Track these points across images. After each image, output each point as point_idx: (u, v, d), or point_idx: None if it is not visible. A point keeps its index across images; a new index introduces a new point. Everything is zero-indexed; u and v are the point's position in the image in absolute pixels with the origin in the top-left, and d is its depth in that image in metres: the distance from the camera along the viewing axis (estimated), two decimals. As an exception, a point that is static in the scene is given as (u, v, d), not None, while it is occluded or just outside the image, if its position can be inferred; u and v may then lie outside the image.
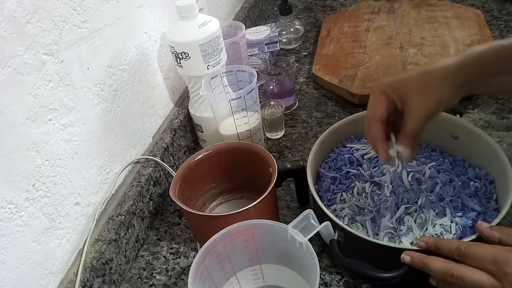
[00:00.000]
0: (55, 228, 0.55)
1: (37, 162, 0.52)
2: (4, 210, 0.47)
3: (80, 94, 0.59)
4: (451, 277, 0.45)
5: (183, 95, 0.89)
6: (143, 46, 0.74)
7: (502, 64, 0.53)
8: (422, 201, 0.58)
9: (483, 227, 0.49)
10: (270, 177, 0.61)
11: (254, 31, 1.06)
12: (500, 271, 0.42)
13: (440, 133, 0.67)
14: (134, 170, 0.73)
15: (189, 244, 0.69)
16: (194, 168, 0.67)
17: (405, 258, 0.49)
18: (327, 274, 0.60)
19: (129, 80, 0.70)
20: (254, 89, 0.72)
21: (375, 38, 1.06)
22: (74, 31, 0.58)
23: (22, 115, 0.49)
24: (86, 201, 0.61)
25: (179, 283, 0.63)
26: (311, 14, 1.31)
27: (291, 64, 0.92)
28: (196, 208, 0.70)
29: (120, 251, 0.64)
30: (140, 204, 0.69)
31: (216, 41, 0.73)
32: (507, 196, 0.53)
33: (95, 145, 0.63)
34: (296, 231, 0.50)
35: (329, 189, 0.65)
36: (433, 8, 1.12)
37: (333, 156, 0.69)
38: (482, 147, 0.61)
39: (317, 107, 0.92)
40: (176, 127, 0.81)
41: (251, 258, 0.56)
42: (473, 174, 0.62)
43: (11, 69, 0.47)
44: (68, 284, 0.56)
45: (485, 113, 0.81)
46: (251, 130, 0.75)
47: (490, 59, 0.53)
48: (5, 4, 0.46)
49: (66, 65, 0.56)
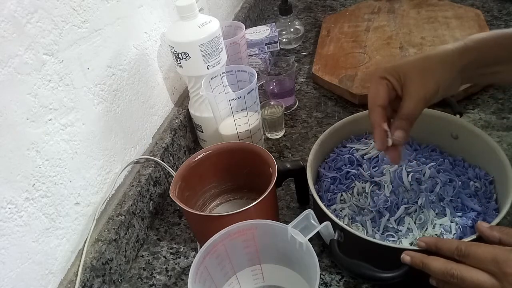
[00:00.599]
0: (55, 228, 0.55)
1: (37, 162, 0.52)
2: (4, 210, 0.47)
3: (80, 94, 0.59)
4: (451, 277, 0.45)
5: (183, 95, 0.89)
6: (143, 46, 0.74)
7: (504, 52, 0.53)
8: (422, 201, 0.58)
9: (483, 227, 0.49)
10: (270, 177, 0.61)
11: (254, 31, 1.06)
12: (500, 271, 0.42)
13: (440, 133, 0.67)
14: (134, 170, 0.73)
15: (189, 244, 0.69)
16: (194, 168, 0.67)
17: (405, 258, 0.49)
18: (327, 274, 0.60)
19: (129, 80, 0.70)
20: (254, 89, 0.72)
21: (375, 38, 1.06)
22: (74, 31, 0.58)
23: (22, 115, 0.49)
24: (86, 201, 0.61)
25: (179, 283, 0.63)
26: (311, 14, 1.31)
27: (291, 64, 0.92)
28: (196, 208, 0.70)
29: (120, 251, 0.64)
30: (140, 204, 0.69)
31: (216, 41, 0.73)
32: (507, 196, 0.53)
33: (95, 145, 0.63)
34: (296, 231, 0.50)
35: (329, 189, 0.65)
36: (433, 8, 1.12)
37: (333, 156, 0.69)
38: (482, 147, 0.61)
39: (317, 107, 0.92)
40: (176, 127, 0.81)
41: (251, 258, 0.56)
42: (473, 174, 0.62)
43: (11, 69, 0.47)
44: (68, 284, 0.56)
45: (485, 113, 0.81)
46: (251, 130, 0.75)
47: (491, 45, 0.53)
48: (5, 4, 0.46)
49: (66, 65, 0.56)
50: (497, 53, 0.53)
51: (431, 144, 0.69)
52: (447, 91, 0.53)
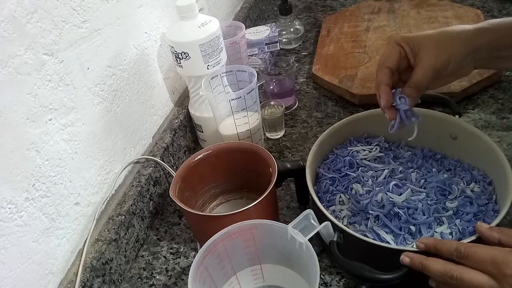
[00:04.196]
0: (55, 228, 0.55)
1: (37, 162, 0.52)
2: (4, 210, 0.47)
3: (80, 94, 0.59)
4: (451, 279, 0.44)
5: (183, 95, 0.89)
6: (143, 46, 0.74)
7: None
8: (422, 203, 0.58)
9: (483, 228, 0.49)
10: (270, 177, 0.61)
11: (254, 31, 1.06)
12: (500, 273, 0.42)
13: (439, 133, 0.67)
14: (134, 170, 0.73)
15: (189, 244, 0.69)
16: (194, 168, 0.67)
17: (404, 259, 0.49)
18: (327, 274, 0.60)
19: (129, 80, 0.70)
20: (254, 89, 0.72)
21: (375, 38, 1.06)
22: (74, 31, 0.58)
23: (22, 115, 0.49)
24: (86, 201, 0.61)
25: (179, 283, 0.63)
26: (311, 14, 1.31)
27: (291, 64, 0.91)
28: (196, 208, 0.70)
29: (120, 251, 0.64)
30: (140, 204, 0.69)
31: (216, 41, 0.73)
32: (506, 197, 0.53)
33: (95, 145, 0.63)
34: (296, 231, 0.50)
35: (328, 190, 0.65)
36: (433, 8, 1.12)
37: (332, 158, 0.69)
38: (481, 147, 0.61)
39: (317, 107, 0.92)
40: (176, 127, 0.81)
41: (251, 258, 0.56)
42: (472, 175, 0.62)
43: (11, 69, 0.47)
44: (68, 284, 0.56)
45: (485, 113, 0.81)
46: (251, 130, 0.75)
47: (508, 28, 0.54)
48: (5, 4, 0.46)
49: (66, 65, 0.56)
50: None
51: (430, 144, 0.69)
52: (458, 68, 0.55)
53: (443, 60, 0.53)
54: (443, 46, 0.53)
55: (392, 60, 0.56)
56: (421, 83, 0.54)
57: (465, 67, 0.56)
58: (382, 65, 0.56)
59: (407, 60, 0.56)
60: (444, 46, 0.53)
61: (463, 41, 0.54)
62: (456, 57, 0.53)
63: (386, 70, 0.56)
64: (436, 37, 0.54)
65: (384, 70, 0.56)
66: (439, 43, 0.54)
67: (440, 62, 0.53)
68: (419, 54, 0.54)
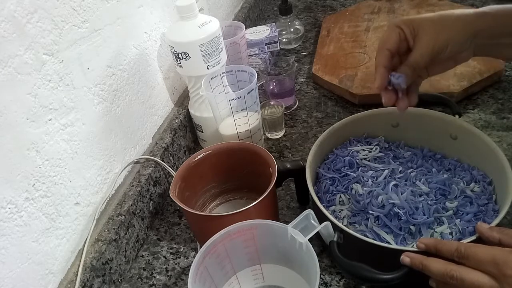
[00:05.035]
0: (55, 228, 0.55)
1: (37, 162, 0.52)
2: (4, 210, 0.47)
3: (80, 94, 0.59)
4: (451, 279, 0.44)
5: (183, 95, 0.89)
6: (143, 46, 0.74)
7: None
8: (422, 203, 0.58)
9: (483, 228, 0.49)
10: (270, 177, 0.61)
11: (254, 31, 1.06)
12: (500, 273, 0.42)
13: (439, 133, 0.67)
14: (134, 170, 0.73)
15: (189, 244, 0.69)
16: (194, 168, 0.67)
17: (404, 259, 0.48)
18: (327, 274, 0.60)
19: (129, 80, 0.70)
20: (254, 89, 0.72)
21: (375, 38, 1.06)
22: (74, 31, 0.58)
23: (22, 115, 0.49)
24: (86, 201, 0.61)
25: (179, 283, 0.63)
26: (311, 14, 1.31)
27: (291, 64, 0.91)
28: (196, 208, 0.70)
29: (120, 251, 0.64)
30: (140, 204, 0.69)
31: (216, 41, 0.73)
32: (506, 196, 0.53)
33: (95, 145, 0.63)
34: (296, 231, 0.50)
35: (328, 190, 0.65)
36: (433, 8, 1.12)
37: (332, 158, 0.69)
38: (481, 147, 0.61)
39: (317, 107, 0.92)
40: (176, 127, 0.81)
41: (251, 258, 0.56)
42: (472, 175, 0.62)
43: (11, 69, 0.47)
44: (68, 284, 0.56)
45: (485, 113, 0.81)
46: (251, 130, 0.75)
47: (509, 14, 0.54)
48: (5, 4, 0.46)
49: (66, 65, 0.56)
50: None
51: (430, 144, 0.69)
52: (457, 52, 0.55)
53: (441, 41, 0.53)
54: (443, 27, 0.53)
55: (391, 42, 0.56)
56: (418, 62, 0.54)
57: (464, 51, 0.55)
58: (382, 46, 0.56)
59: (406, 42, 0.56)
60: (443, 27, 0.53)
61: (462, 24, 0.53)
62: (455, 40, 0.53)
63: (385, 51, 0.56)
64: (435, 19, 0.54)
65: (383, 51, 0.56)
66: (438, 25, 0.54)
67: (438, 43, 0.53)
68: (418, 36, 0.54)
